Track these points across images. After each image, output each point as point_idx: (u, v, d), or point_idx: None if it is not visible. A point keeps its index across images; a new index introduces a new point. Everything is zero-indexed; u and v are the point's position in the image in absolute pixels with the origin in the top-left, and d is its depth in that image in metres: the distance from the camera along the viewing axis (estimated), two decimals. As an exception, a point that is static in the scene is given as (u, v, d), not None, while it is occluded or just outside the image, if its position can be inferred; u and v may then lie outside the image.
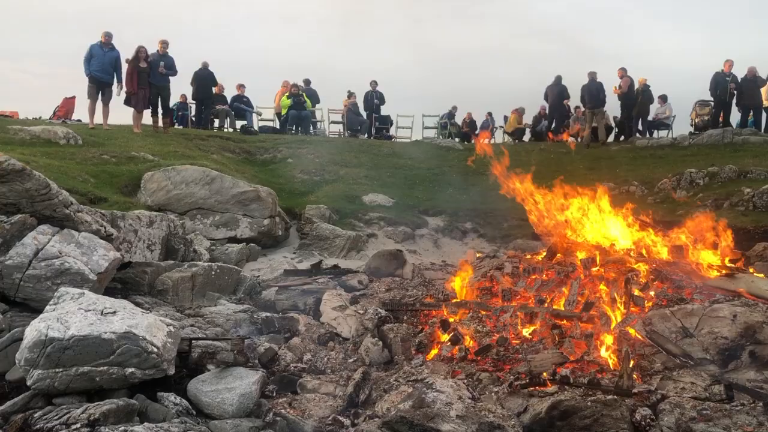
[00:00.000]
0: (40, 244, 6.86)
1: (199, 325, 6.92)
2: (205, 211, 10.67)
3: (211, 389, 5.37)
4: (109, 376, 5.09)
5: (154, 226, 8.87)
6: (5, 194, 7.08)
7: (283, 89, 20.57)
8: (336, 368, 6.38)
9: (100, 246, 7.17)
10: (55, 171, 9.57)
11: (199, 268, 8.18)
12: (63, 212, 7.27)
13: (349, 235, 10.94)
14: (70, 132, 12.81)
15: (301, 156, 15.62)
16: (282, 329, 7.17)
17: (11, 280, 6.60)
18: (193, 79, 17.92)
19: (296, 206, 12.28)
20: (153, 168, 11.22)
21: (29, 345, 5.03)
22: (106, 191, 10.21)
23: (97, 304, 5.59)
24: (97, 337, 5.11)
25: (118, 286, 7.66)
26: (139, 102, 14.76)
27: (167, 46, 15.29)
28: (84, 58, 14.27)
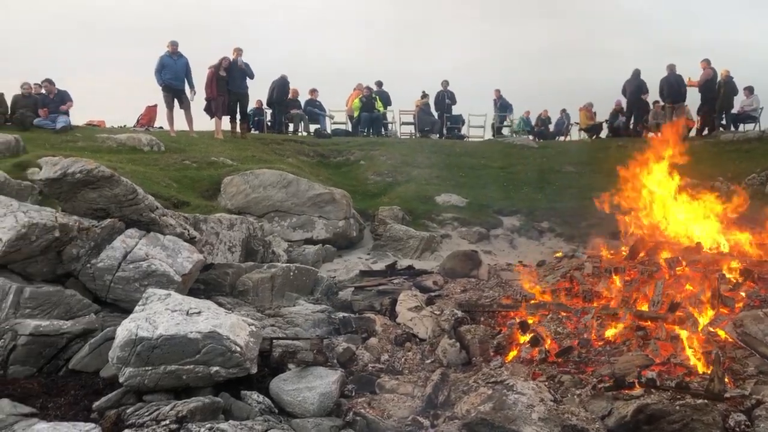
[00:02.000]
0: (129, 247, 7.16)
1: (278, 325, 7.07)
2: (282, 214, 10.88)
3: (292, 388, 5.47)
4: (195, 375, 5.26)
5: (234, 229, 9.11)
6: (95, 200, 7.43)
7: (356, 92, 20.77)
8: (413, 369, 6.38)
9: (184, 248, 7.43)
10: (140, 177, 9.95)
11: (278, 269, 8.35)
12: (149, 216, 7.57)
13: (423, 236, 10.92)
14: (153, 139, 13.33)
15: (373, 158, 15.71)
16: (359, 329, 7.23)
17: (102, 281, 6.93)
18: (271, 85, 18.35)
19: (369, 208, 12.36)
20: (232, 172, 11.53)
21: (120, 344, 5.26)
22: (188, 195, 10.56)
23: (183, 304, 5.79)
24: (184, 336, 5.29)
25: (201, 287, 7.91)
26: (218, 109, 15.21)
27: (242, 53, 15.69)
28: (155, 70, 14.81)
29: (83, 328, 6.19)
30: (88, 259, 6.96)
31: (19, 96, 14.35)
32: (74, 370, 5.87)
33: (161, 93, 15.13)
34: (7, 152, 10.78)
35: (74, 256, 6.93)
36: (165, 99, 15.09)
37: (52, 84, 14.41)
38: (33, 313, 6.30)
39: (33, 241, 6.55)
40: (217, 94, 15.13)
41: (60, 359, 6.00)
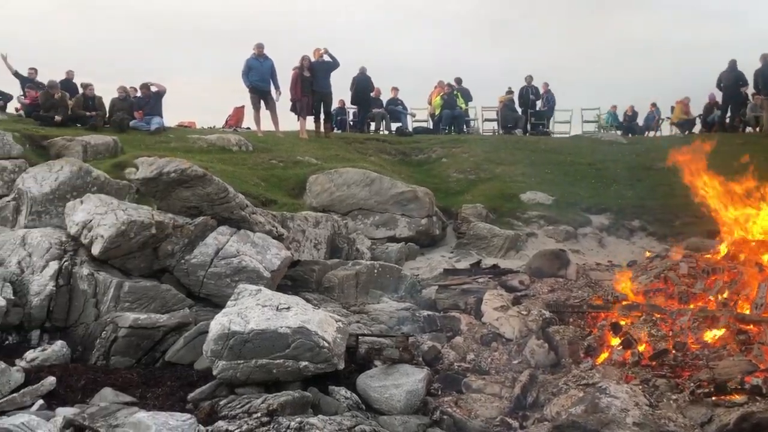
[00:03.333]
0: (220, 243, 7.39)
1: (363, 322, 7.13)
2: (366, 212, 10.96)
3: (379, 385, 5.51)
4: (285, 369, 5.38)
5: (319, 227, 9.26)
6: (189, 198, 7.70)
7: (437, 90, 20.69)
8: (500, 369, 6.29)
9: (272, 245, 7.60)
10: (230, 176, 10.24)
11: (362, 266, 8.42)
12: (239, 214, 7.79)
13: (508, 235, 10.75)
14: (241, 139, 13.71)
15: (455, 155, 15.58)
16: (444, 328, 7.20)
17: (196, 277, 7.18)
18: (352, 84, 18.51)
19: (452, 205, 12.26)
20: (317, 171, 11.70)
21: (214, 338, 5.43)
22: (276, 194, 10.80)
23: (273, 300, 5.92)
24: (274, 331, 5.41)
25: (288, 283, 8.07)
26: (303, 109, 15.49)
27: (323, 53, 15.89)
28: (242, 72, 15.19)
29: (178, 321, 6.44)
30: (182, 255, 7.23)
31: (116, 99, 15.05)
32: (170, 362, 6.13)
33: (248, 94, 15.52)
34: (106, 153, 11.34)
35: (169, 253, 7.21)
36: (252, 100, 15.48)
37: (147, 88, 15.05)
38: (131, 307, 6.60)
39: (131, 237, 6.86)
40: (302, 94, 15.39)
41: (157, 351, 6.28)
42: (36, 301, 6.42)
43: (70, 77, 16.49)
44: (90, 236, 6.87)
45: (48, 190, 7.99)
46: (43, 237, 7.10)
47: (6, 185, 8.91)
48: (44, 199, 7.94)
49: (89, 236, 6.88)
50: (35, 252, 6.94)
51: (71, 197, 7.82)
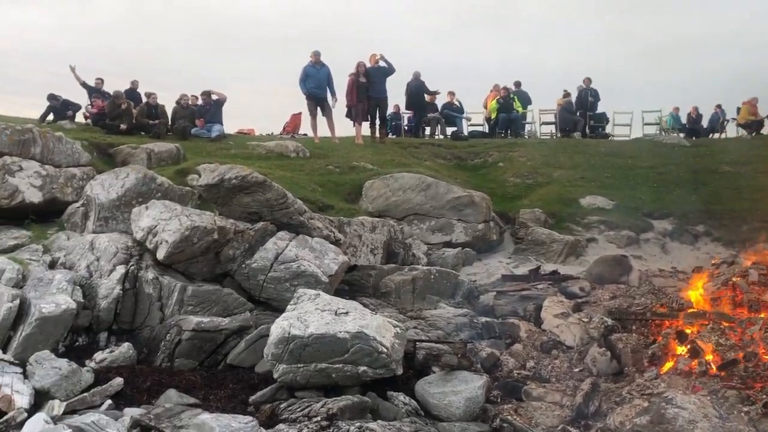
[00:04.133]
0: (280, 248, 7.50)
1: (421, 327, 7.11)
2: (422, 217, 10.94)
3: (437, 391, 5.48)
4: (344, 374, 5.41)
5: (376, 231, 9.29)
6: (249, 204, 7.84)
7: (493, 93, 20.51)
8: (561, 377, 6.19)
9: (330, 250, 7.66)
10: (288, 182, 10.38)
11: (419, 271, 8.40)
12: (298, 219, 7.89)
13: (567, 240, 10.56)
14: (299, 145, 13.90)
15: (512, 159, 15.40)
16: (502, 335, 7.12)
17: (256, 281, 7.30)
18: (407, 89, 18.54)
19: (509, 210, 12.13)
20: (372, 176, 11.76)
21: (275, 341, 5.51)
22: (332, 199, 10.90)
23: (331, 304, 5.97)
24: (333, 335, 5.45)
25: (345, 287, 8.12)
26: (359, 114, 15.60)
27: (379, 59, 15.97)
28: (299, 79, 15.38)
29: (239, 325, 6.56)
30: (243, 260, 7.36)
31: (178, 107, 15.47)
32: (231, 365, 6.24)
33: (305, 101, 15.71)
34: (169, 160, 11.65)
35: (230, 257, 7.36)
36: (309, 107, 15.66)
37: (209, 95, 15.41)
38: (195, 310, 6.75)
39: (195, 242, 7.02)
40: (357, 100, 15.50)
41: (219, 354, 6.40)
42: (104, 304, 6.64)
43: (135, 87, 16.99)
44: (155, 241, 7.06)
45: (115, 197, 8.26)
46: (111, 242, 7.34)
47: (75, 192, 9.24)
48: (111, 205, 8.22)
49: (154, 241, 7.08)
50: (103, 256, 7.18)
51: (137, 203, 8.07)
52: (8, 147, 9.09)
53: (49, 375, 5.43)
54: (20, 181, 8.79)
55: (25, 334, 5.93)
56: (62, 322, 6.12)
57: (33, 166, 9.07)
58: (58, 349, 6.06)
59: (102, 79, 16.77)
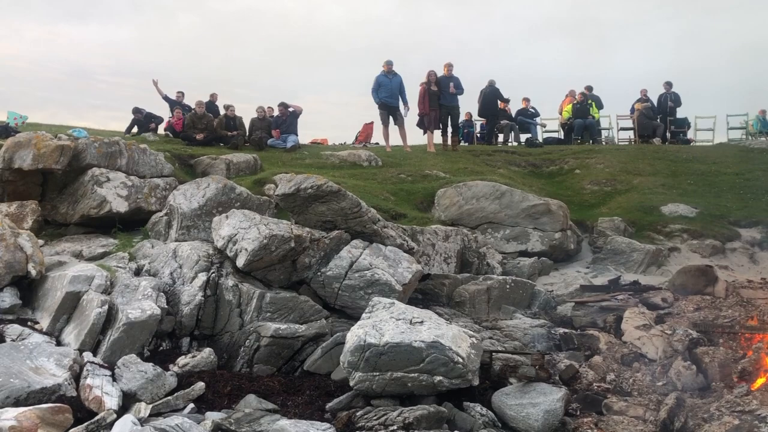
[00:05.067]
0: (354, 257, 7.55)
1: (497, 338, 7.01)
2: (496, 225, 10.81)
3: (515, 403, 5.39)
4: (419, 383, 5.39)
5: (449, 240, 9.24)
6: (324, 213, 7.95)
7: (568, 99, 20.16)
8: (643, 391, 5.98)
9: (403, 259, 7.67)
10: (361, 190, 10.47)
11: (494, 281, 8.30)
12: (372, 228, 7.93)
13: (648, 249, 10.20)
14: (371, 155, 14.01)
15: (589, 166, 15.05)
16: (581, 346, 6.94)
17: (331, 289, 7.38)
18: (480, 96, 18.44)
19: (587, 219, 11.84)
20: (445, 184, 11.70)
21: (350, 349, 5.54)
22: (405, 208, 10.91)
23: (406, 313, 5.96)
24: (409, 345, 5.44)
25: (419, 296, 8.11)
26: (431, 123, 15.62)
27: (452, 68, 15.94)
28: (372, 89, 15.54)
29: (315, 332, 6.64)
30: (318, 267, 7.46)
31: (255, 119, 15.89)
32: (308, 372, 6.32)
33: (377, 111, 15.83)
34: (247, 170, 11.95)
35: (306, 265, 7.47)
36: (381, 116, 15.79)
37: (286, 107, 15.76)
38: (272, 317, 6.88)
39: (272, 251, 7.16)
40: (429, 108, 15.51)
41: (296, 360, 6.50)
42: (186, 310, 6.85)
43: (214, 99, 17.57)
44: (235, 249, 7.25)
45: (196, 206, 8.53)
46: (192, 250, 7.58)
47: (158, 201, 9.60)
48: (193, 214, 8.49)
49: (234, 249, 7.26)
50: (185, 264, 7.42)
51: (217, 212, 8.30)
52: (97, 159, 9.53)
53: (136, 378, 5.64)
54: (108, 191, 9.20)
55: (113, 339, 6.18)
56: (147, 327, 6.36)
57: (119, 177, 9.48)
58: (143, 354, 6.29)
59: (183, 93, 17.44)
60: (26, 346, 5.94)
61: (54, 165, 9.13)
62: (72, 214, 9.20)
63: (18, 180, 9.27)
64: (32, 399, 5.22)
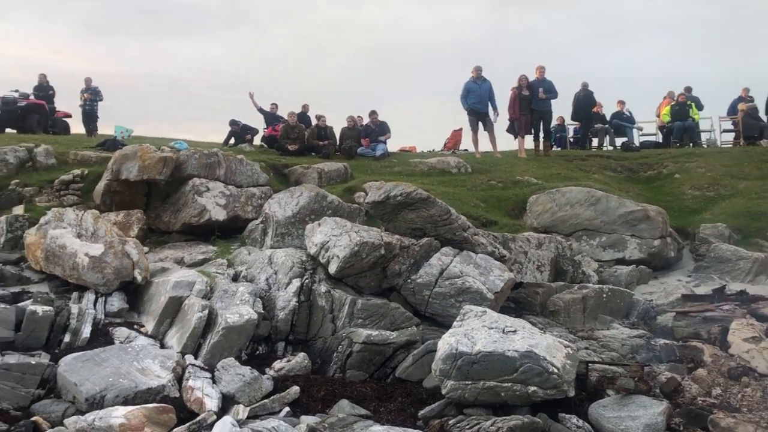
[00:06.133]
0: (444, 264, 7.53)
1: (593, 348, 6.81)
2: (591, 232, 10.50)
3: (613, 415, 5.21)
4: (513, 393, 5.30)
5: (542, 248, 9.06)
6: (413, 220, 7.97)
7: (666, 101, 19.34)
8: (753, 407, 5.63)
9: (495, 267, 7.58)
10: (450, 197, 10.42)
11: (589, 290, 8.07)
12: (462, 235, 7.88)
13: (756, 257, 9.61)
14: (460, 161, 13.93)
15: (689, 170, 14.36)
16: (684, 358, 6.62)
17: (421, 296, 7.38)
18: (573, 100, 17.99)
19: (688, 225, 11.30)
20: (537, 191, 11.47)
21: (442, 357, 5.53)
22: (495, 215, 10.78)
23: (499, 322, 5.89)
24: (501, 354, 5.36)
25: (511, 305, 7.99)
26: (521, 128, 15.36)
27: (545, 71, 15.63)
28: (461, 96, 15.42)
29: (407, 339, 6.67)
30: (408, 275, 7.49)
31: (346, 128, 16.14)
32: (399, 378, 6.35)
33: (466, 117, 15.74)
34: (338, 178, 12.16)
35: (397, 272, 7.51)
36: (470, 122, 15.67)
37: (375, 115, 15.93)
38: (364, 323, 6.96)
39: (363, 257, 7.25)
40: (520, 113, 15.26)
41: (387, 367, 6.55)
42: (281, 315, 7.03)
43: (305, 110, 17.97)
44: (327, 256, 7.38)
45: (290, 214, 8.75)
46: (287, 257, 7.78)
47: (254, 210, 9.92)
48: (287, 222, 8.72)
49: (326, 256, 7.40)
50: (280, 270, 7.62)
51: (309, 220, 8.49)
52: (197, 170, 9.96)
53: (234, 381, 5.84)
54: (207, 200, 9.59)
55: (212, 342, 6.43)
56: (245, 331, 6.57)
57: (218, 187, 9.87)
58: (241, 357, 6.51)
59: (276, 104, 17.95)
60: (133, 348, 6.27)
61: (157, 176, 9.62)
62: (174, 223, 9.65)
63: (125, 190, 9.82)
64: (139, 399, 5.50)
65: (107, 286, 7.36)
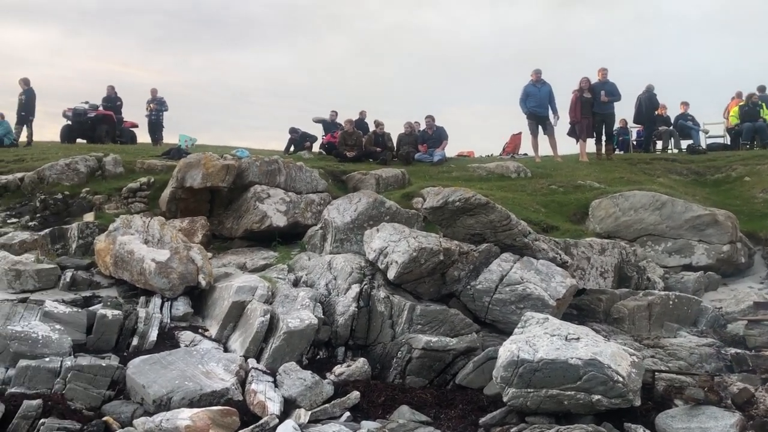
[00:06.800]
0: (504, 270, 7.45)
1: (659, 357, 6.62)
2: (656, 238, 10.21)
3: (682, 426, 5.06)
4: (576, 401, 5.20)
5: (605, 254, 8.86)
6: (473, 225, 7.91)
7: (734, 101, 18.66)
8: (834, 421, 5.35)
9: (557, 273, 7.45)
10: (510, 203, 10.31)
11: (655, 297, 7.85)
12: (522, 241, 7.78)
13: (835, 263, 9.21)
14: (519, 166, 13.77)
15: (760, 173, 13.78)
16: (757, 368, 6.37)
17: (481, 303, 7.32)
18: (636, 102, 17.55)
19: (759, 230, 10.84)
20: (599, 195, 11.24)
21: (503, 364, 5.46)
22: (556, 220, 10.60)
23: (561, 329, 5.78)
24: (564, 361, 5.27)
25: (573, 312, 7.84)
26: (583, 131, 15.07)
27: (607, 74, 15.31)
28: (520, 99, 15.24)
29: (467, 345, 6.62)
30: (467, 281, 7.43)
31: (403, 134, 16.16)
32: (460, 385, 6.30)
33: (525, 121, 15.55)
34: (395, 184, 12.20)
35: (456, 278, 7.47)
36: (529, 126, 15.47)
37: (433, 120, 15.91)
38: (423, 329, 6.94)
39: (422, 263, 7.24)
40: (581, 116, 14.98)
41: (447, 374, 6.51)
42: (341, 321, 7.09)
43: (363, 117, 18.10)
44: (386, 262, 7.40)
45: (348, 220, 8.82)
46: (346, 262, 7.84)
47: (314, 216, 10.04)
48: (345, 227, 8.78)
49: (385, 262, 7.42)
50: (339, 276, 7.69)
51: (368, 226, 8.53)
52: (258, 177, 10.16)
53: (296, 385, 5.91)
54: (268, 207, 9.76)
55: (274, 346, 6.53)
56: (306, 336, 6.65)
57: (278, 194, 10.03)
58: (302, 362, 6.59)
59: (336, 112, 18.16)
60: (198, 352, 6.42)
61: (220, 183, 9.85)
62: (236, 229, 9.85)
63: (189, 197, 10.08)
64: (204, 401, 5.63)
65: (173, 290, 7.56)
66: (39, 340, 6.11)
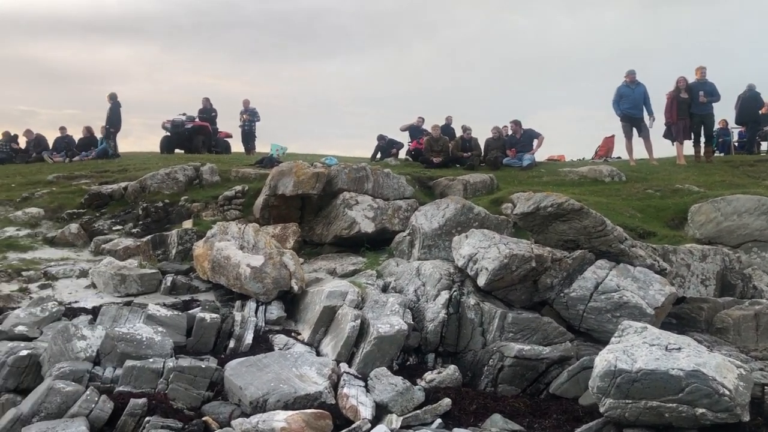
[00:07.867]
0: (599, 278, 7.23)
1: (768, 370, 6.23)
2: (762, 244, 9.62)
3: (796, 446, 4.73)
4: (678, 414, 4.97)
5: (707, 261, 8.45)
6: (565, 231, 7.73)
7: None
8: None
9: (655, 280, 7.16)
10: (603, 208, 9.99)
11: (763, 306, 7.40)
12: (618, 247, 7.53)
13: None
14: (613, 170, 13.33)
15: None
16: None
17: (575, 311, 7.13)
18: (737, 102, 16.68)
19: None
20: (699, 199, 10.72)
21: (600, 374, 5.29)
22: (653, 225, 10.19)
23: (661, 339, 5.55)
24: (665, 372, 5.05)
25: (672, 321, 7.52)
26: (680, 133, 14.45)
27: (705, 73, 14.63)
28: (613, 101, 14.78)
29: (560, 354, 6.46)
30: (561, 288, 7.27)
31: (491, 139, 16.00)
32: (553, 395, 6.15)
33: (618, 123, 15.08)
34: (484, 190, 12.07)
35: (548, 286, 7.31)
36: (623, 129, 15.01)
37: (519, 125, 15.67)
38: (515, 337, 6.83)
39: (513, 270, 7.13)
40: (678, 118, 14.37)
41: (540, 383, 6.37)
42: (431, 327, 7.07)
43: (449, 122, 18.05)
44: (475, 268, 7.33)
45: (436, 226, 8.80)
46: (434, 268, 7.82)
47: (401, 222, 10.08)
48: (433, 234, 8.77)
49: (474, 268, 7.35)
50: (428, 282, 7.68)
51: (456, 232, 8.48)
52: (347, 184, 10.32)
53: (387, 390, 5.93)
54: (356, 213, 9.89)
55: (365, 351, 6.58)
56: (396, 341, 6.67)
57: (366, 200, 10.15)
58: (392, 367, 6.60)
59: (422, 118, 18.19)
60: (292, 355, 6.56)
61: (311, 190, 10.06)
62: (326, 235, 10.03)
63: (281, 204, 10.36)
64: (298, 404, 5.73)
65: (267, 295, 7.78)
66: (143, 341, 6.40)
